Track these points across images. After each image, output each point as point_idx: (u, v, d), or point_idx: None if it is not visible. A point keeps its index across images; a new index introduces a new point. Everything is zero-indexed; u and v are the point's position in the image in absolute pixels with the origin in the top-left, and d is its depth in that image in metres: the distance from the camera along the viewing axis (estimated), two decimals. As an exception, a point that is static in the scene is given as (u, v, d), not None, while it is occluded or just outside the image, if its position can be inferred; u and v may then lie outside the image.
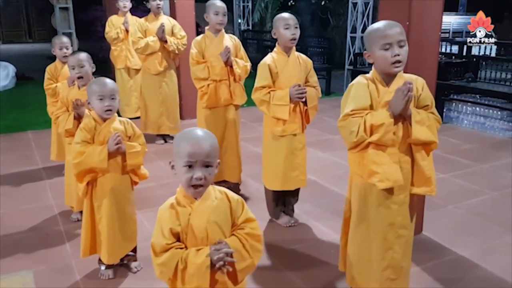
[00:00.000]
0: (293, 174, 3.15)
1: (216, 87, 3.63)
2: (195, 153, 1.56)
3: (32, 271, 2.75)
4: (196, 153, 1.56)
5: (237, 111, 3.80)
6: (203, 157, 1.57)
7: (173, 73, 5.21)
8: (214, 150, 1.62)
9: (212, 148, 1.61)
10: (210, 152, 1.59)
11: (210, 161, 1.60)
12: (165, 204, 1.68)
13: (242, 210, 1.72)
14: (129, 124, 2.61)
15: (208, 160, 1.59)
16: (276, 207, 3.34)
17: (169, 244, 1.61)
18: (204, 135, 1.62)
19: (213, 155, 1.61)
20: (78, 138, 2.50)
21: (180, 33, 5.09)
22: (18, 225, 3.32)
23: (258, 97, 3.02)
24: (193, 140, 1.60)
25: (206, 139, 1.61)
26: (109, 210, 2.56)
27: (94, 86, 2.49)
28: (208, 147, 1.59)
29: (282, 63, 3.04)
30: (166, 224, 1.63)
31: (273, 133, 3.11)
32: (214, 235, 1.64)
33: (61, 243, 3.10)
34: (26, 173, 4.32)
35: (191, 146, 1.57)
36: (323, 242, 3.11)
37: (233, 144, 3.78)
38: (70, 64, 3.07)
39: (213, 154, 1.61)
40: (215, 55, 3.60)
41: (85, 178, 2.52)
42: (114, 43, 5.94)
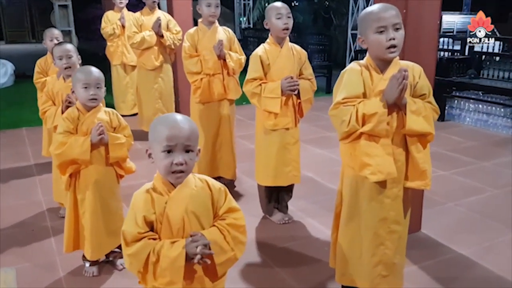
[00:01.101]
0: (286, 169, 3.05)
1: (210, 81, 3.53)
2: (175, 136, 1.47)
3: (15, 268, 2.67)
4: (175, 136, 1.47)
5: (232, 106, 3.70)
6: (183, 140, 1.47)
7: (169, 68, 5.12)
8: (194, 134, 1.52)
9: (192, 132, 1.51)
10: (190, 136, 1.49)
11: (191, 145, 1.50)
12: (141, 189, 1.58)
13: (224, 199, 1.62)
14: (115, 114, 2.51)
15: (189, 143, 1.49)
16: (269, 203, 3.24)
17: (141, 233, 1.51)
18: (183, 119, 1.52)
19: (193, 139, 1.51)
20: (60, 128, 2.41)
21: (175, 28, 5.00)
22: (4, 221, 3.23)
23: (249, 90, 2.93)
24: (172, 123, 1.50)
25: (185, 122, 1.51)
26: (92, 203, 2.46)
27: (79, 74, 2.40)
28: (187, 130, 1.49)
29: (274, 55, 2.94)
30: (140, 211, 1.52)
31: (264, 127, 3.01)
32: (192, 226, 1.54)
33: (47, 239, 3.01)
34: (17, 169, 4.25)
35: (169, 130, 1.47)
36: (318, 240, 3.00)
37: (227, 140, 3.68)
38: (57, 55, 2.98)
39: (193, 138, 1.51)
40: (208, 48, 3.50)
41: (68, 169, 2.43)
42: (110, 39, 5.86)
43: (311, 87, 3.01)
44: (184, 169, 1.49)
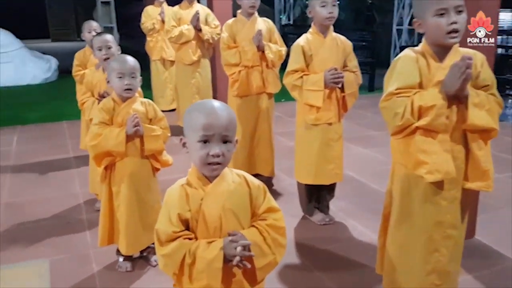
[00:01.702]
0: (328, 167, 2.88)
1: (248, 73, 3.41)
2: (212, 125, 1.34)
3: (48, 260, 2.63)
4: (212, 125, 1.34)
5: (270, 100, 3.56)
6: (221, 130, 1.34)
7: (207, 63, 5.03)
8: (233, 123, 1.39)
9: (231, 121, 1.38)
10: (228, 125, 1.36)
11: (229, 135, 1.37)
12: (175, 185, 1.46)
13: (263, 198, 1.48)
14: (151, 105, 2.42)
15: (227, 133, 1.36)
16: (309, 203, 3.08)
17: (176, 233, 1.38)
18: (221, 106, 1.39)
19: (232, 128, 1.38)
20: (95, 119, 2.34)
21: (214, 22, 4.89)
22: (41, 213, 3.22)
23: (290, 82, 2.77)
24: (209, 110, 1.37)
25: (223, 110, 1.38)
26: (127, 196, 2.38)
27: (114, 63, 2.32)
28: (226, 118, 1.36)
29: (317, 45, 2.77)
30: (174, 208, 1.40)
31: (305, 122, 2.85)
32: (229, 225, 1.41)
33: (82, 232, 2.97)
34: (57, 161, 4.26)
35: (206, 118, 1.34)
36: (361, 243, 2.82)
37: (266, 135, 3.55)
38: (97, 45, 2.94)
39: (232, 127, 1.38)
40: (247, 39, 3.37)
41: (103, 161, 2.35)
42: (149, 34, 5.84)
43: (356, 80, 2.83)
44: (221, 161, 1.37)
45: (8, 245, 2.78)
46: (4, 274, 2.46)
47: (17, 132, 5.23)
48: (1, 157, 4.37)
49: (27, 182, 3.78)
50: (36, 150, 4.60)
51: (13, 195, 3.52)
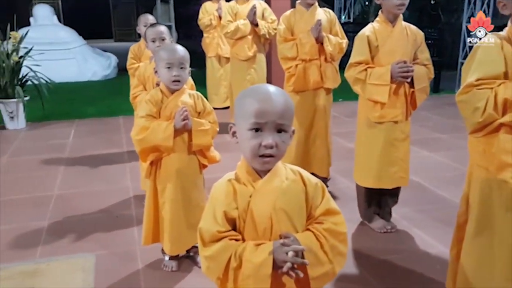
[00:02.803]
0: (391, 169, 2.61)
1: (305, 67, 3.19)
2: (265, 111, 1.16)
3: (95, 255, 2.56)
4: (266, 111, 1.16)
5: (328, 96, 3.33)
6: (276, 118, 1.17)
7: (263, 58, 4.87)
8: (289, 111, 1.21)
9: (287, 108, 1.20)
10: (284, 112, 1.18)
11: (284, 124, 1.19)
12: (222, 179, 1.30)
13: (322, 198, 1.29)
14: (200, 98, 2.28)
15: (282, 122, 1.18)
16: (369, 207, 2.82)
17: (221, 232, 1.22)
18: (277, 91, 1.21)
19: (288, 116, 1.20)
20: (142, 112, 2.22)
21: (271, 16, 4.73)
22: (90, 206, 3.18)
23: (352, 75, 2.54)
24: (263, 95, 1.19)
25: (279, 95, 1.20)
26: (173, 194, 2.25)
27: (162, 52, 2.20)
28: (281, 105, 1.18)
29: (384, 35, 2.52)
30: (220, 205, 1.24)
31: (368, 119, 2.60)
32: (281, 226, 1.23)
33: (129, 228, 2.88)
34: (110, 155, 4.26)
35: (259, 103, 1.17)
36: (427, 255, 2.53)
37: (322, 133, 3.32)
38: (150, 37, 2.86)
39: (288, 115, 1.20)
40: (305, 31, 3.16)
41: (149, 157, 2.24)
42: (206, 30, 5.77)
43: (427, 74, 2.54)
44: (274, 153, 1.19)
45: (56, 238, 2.74)
46: (50, 267, 2.42)
47: (74, 125, 5.33)
48: (57, 149, 4.43)
49: (79, 175, 3.79)
50: (91, 143, 4.64)
51: (65, 187, 3.52)
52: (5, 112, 5.03)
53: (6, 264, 2.43)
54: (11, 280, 2.27)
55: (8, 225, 2.89)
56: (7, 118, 5.06)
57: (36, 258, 2.51)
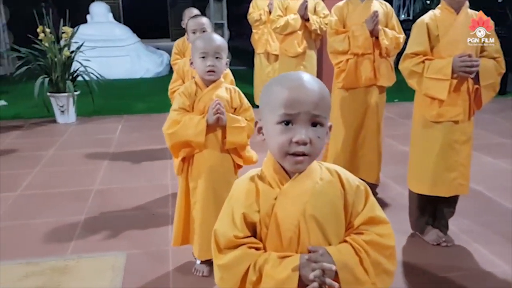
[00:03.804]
0: (450, 175, 2.33)
1: (357, 62, 2.94)
2: (297, 100, 0.98)
3: (126, 253, 2.46)
4: (298, 100, 0.98)
5: (382, 95, 3.06)
6: (310, 108, 0.98)
7: (313, 55, 4.65)
8: (325, 101, 1.02)
9: (323, 97, 1.01)
10: (320, 102, 0.99)
11: (320, 116, 1.00)
12: (244, 176, 1.12)
13: (364, 203, 1.08)
14: (237, 92, 2.11)
15: (317, 113, 0.99)
16: (421, 216, 2.54)
17: (239, 238, 1.05)
18: (310, 78, 1.02)
19: (324, 107, 1.01)
20: (175, 105, 2.09)
21: (324, 11, 4.48)
22: (127, 202, 3.11)
23: (407, 67, 2.28)
24: (294, 82, 1.01)
25: (313, 83, 1.01)
26: (204, 193, 2.10)
27: (198, 41, 2.04)
28: (316, 93, 0.99)
29: (446, 23, 2.23)
30: (240, 206, 1.06)
31: (424, 118, 2.33)
32: (311, 237, 1.04)
33: (164, 226, 2.77)
34: (153, 151, 4.19)
35: (290, 91, 0.99)
36: (488, 275, 2.22)
37: (373, 135, 3.06)
38: (191, 28, 2.75)
39: (324, 106, 1.01)
40: (359, 23, 2.91)
41: (181, 152, 2.09)
42: (256, 25, 5.61)
43: (496, 68, 2.24)
44: (307, 151, 0.99)
45: (90, 234, 2.68)
46: (79, 265, 2.34)
47: (122, 121, 5.34)
48: (103, 144, 4.43)
49: (120, 170, 3.74)
50: (136, 139, 4.61)
51: (105, 182, 3.48)
52: (56, 106, 5.12)
53: (37, 259, 2.37)
54: (40, 276, 2.21)
55: (45, 218, 2.86)
56: (58, 112, 5.15)
57: (67, 254, 2.44)
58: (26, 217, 2.88)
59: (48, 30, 4.99)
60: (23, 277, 2.19)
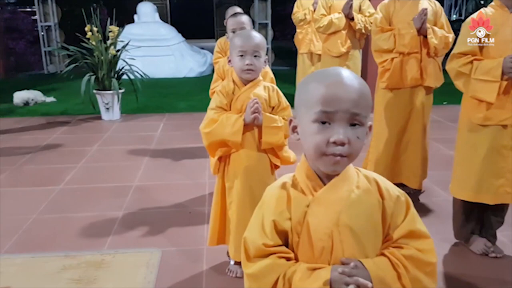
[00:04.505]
0: (496, 182, 2.18)
1: (403, 62, 2.83)
2: (336, 97, 0.92)
3: (161, 250, 2.46)
4: (336, 97, 0.92)
5: (428, 97, 2.93)
6: (349, 106, 0.92)
7: (358, 55, 4.53)
8: (366, 98, 0.95)
9: (363, 94, 0.94)
10: (360, 99, 0.93)
11: (360, 115, 0.93)
12: (276, 182, 1.07)
13: (404, 215, 1.01)
14: (275, 91, 2.06)
15: (357, 112, 0.93)
16: (467, 224, 2.40)
17: (269, 247, 1.00)
18: (350, 74, 0.96)
19: (364, 106, 0.94)
20: (213, 103, 2.06)
21: (369, 10, 4.35)
22: (165, 199, 3.13)
23: (454, 68, 2.16)
24: (332, 78, 0.95)
25: (352, 78, 0.95)
26: (240, 193, 2.06)
27: (236, 39, 2.01)
28: (356, 90, 0.93)
29: (498, 21, 2.09)
30: (270, 213, 1.02)
31: (471, 121, 2.20)
32: (345, 248, 0.98)
33: (200, 225, 2.76)
34: (193, 149, 4.22)
35: (328, 87, 0.93)
36: (542, 292, 2.07)
37: (417, 138, 2.93)
38: (231, 27, 2.72)
39: (364, 104, 0.94)
40: (406, 21, 2.79)
41: (217, 152, 2.07)
42: (300, 25, 5.54)
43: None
44: (345, 152, 0.93)
45: (127, 229, 2.71)
46: (115, 260, 2.36)
47: (164, 119, 5.42)
48: (145, 141, 4.50)
49: (160, 167, 3.78)
50: (177, 137, 4.66)
51: (145, 179, 3.52)
52: (102, 103, 5.26)
53: (75, 252, 2.42)
54: (75, 270, 2.24)
55: (85, 212, 2.92)
56: (103, 109, 5.28)
57: (104, 249, 2.48)
58: (66, 210, 2.96)
59: (95, 29, 5.14)
60: (61, 270, 2.23)
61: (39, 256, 2.37)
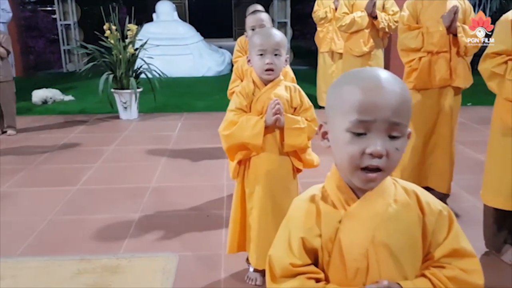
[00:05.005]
0: (532, 190, 2.05)
1: (431, 61, 2.70)
2: (374, 105, 0.82)
3: (178, 255, 2.39)
4: (375, 105, 0.81)
5: (457, 97, 2.80)
6: (389, 114, 0.81)
7: (380, 55, 4.40)
8: (407, 105, 0.84)
9: (404, 101, 0.84)
10: (401, 107, 0.83)
11: (400, 125, 0.83)
12: (304, 194, 0.97)
13: (447, 232, 0.91)
14: (297, 91, 1.96)
15: (397, 121, 0.82)
16: (498, 233, 2.27)
17: (296, 267, 0.91)
18: (389, 77, 0.85)
19: (405, 113, 0.84)
20: (232, 105, 1.97)
21: (393, 8, 4.22)
22: (182, 201, 3.06)
23: (488, 68, 2.04)
24: (370, 81, 0.84)
25: (393, 82, 0.84)
26: (261, 199, 1.97)
27: (255, 37, 1.92)
28: (397, 96, 0.82)
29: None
30: (298, 229, 0.92)
31: (504, 125, 2.08)
32: (381, 268, 0.88)
33: (218, 229, 2.69)
34: (211, 150, 4.14)
35: (366, 93, 0.82)
36: None
37: (445, 141, 2.80)
38: (250, 25, 2.64)
39: (405, 112, 0.84)
40: (435, 18, 2.67)
41: (237, 155, 1.98)
42: (320, 23, 5.43)
43: None
44: (382, 166, 0.83)
45: (143, 232, 2.64)
46: (131, 264, 2.30)
47: (182, 119, 5.36)
48: (162, 141, 4.45)
49: (177, 169, 3.72)
50: (194, 137, 4.59)
51: (162, 180, 3.46)
52: (120, 102, 5.23)
53: (90, 256, 2.36)
54: (91, 274, 2.18)
55: (101, 214, 2.87)
56: (121, 108, 5.25)
57: (120, 253, 2.41)
58: (82, 212, 2.91)
59: (114, 27, 5.10)
60: (75, 274, 2.18)
61: (54, 259, 2.32)
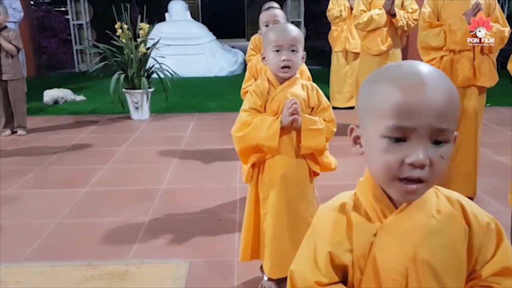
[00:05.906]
0: None
1: (453, 60, 2.59)
2: (416, 108, 0.70)
3: (189, 262, 2.29)
4: (417, 108, 0.70)
5: (481, 97, 2.68)
6: (432, 119, 0.69)
7: (398, 54, 4.26)
8: (455, 106, 0.72)
9: (452, 102, 0.71)
10: (447, 111, 0.71)
11: (446, 130, 0.71)
12: (332, 202, 0.86)
13: (495, 247, 0.80)
14: (314, 90, 1.85)
15: (443, 127, 0.70)
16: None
17: (322, 285, 0.80)
18: (433, 73, 0.72)
19: (452, 117, 0.72)
20: (246, 104, 1.87)
21: (412, 6, 4.09)
22: (193, 204, 2.96)
23: None
24: (411, 80, 0.71)
25: (437, 80, 0.71)
26: (277, 204, 1.87)
27: (270, 33, 1.81)
28: (443, 97, 0.70)
29: None
30: (324, 242, 0.81)
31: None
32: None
33: (231, 234, 2.59)
34: (223, 151, 4.05)
35: (406, 93, 0.70)
36: None
37: (469, 143, 2.68)
38: (264, 20, 2.54)
39: (453, 115, 0.72)
40: (458, 15, 2.55)
41: (251, 158, 1.88)
42: (335, 22, 5.32)
43: None
44: (425, 176, 0.71)
45: (153, 237, 2.55)
46: (140, 271, 2.20)
47: (194, 119, 5.27)
48: (174, 142, 4.36)
49: (189, 170, 3.63)
50: (206, 138, 4.50)
51: (173, 182, 3.37)
52: (131, 103, 5.16)
53: (98, 262, 2.28)
54: (98, 281, 2.09)
55: (110, 217, 2.78)
56: (133, 108, 5.18)
57: (129, 258, 2.33)
58: (91, 215, 2.83)
59: (125, 26, 5.04)
60: (82, 281, 2.09)
61: (60, 264, 2.24)
